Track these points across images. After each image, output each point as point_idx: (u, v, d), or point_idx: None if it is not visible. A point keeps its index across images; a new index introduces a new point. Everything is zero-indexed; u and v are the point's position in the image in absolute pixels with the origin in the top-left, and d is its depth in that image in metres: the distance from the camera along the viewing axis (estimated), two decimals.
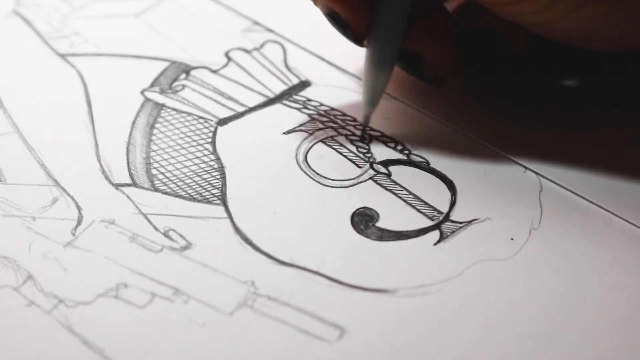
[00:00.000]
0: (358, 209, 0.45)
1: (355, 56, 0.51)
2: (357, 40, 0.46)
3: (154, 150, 0.47)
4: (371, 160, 0.47)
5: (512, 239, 0.44)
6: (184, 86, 0.50)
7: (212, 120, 0.49)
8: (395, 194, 0.46)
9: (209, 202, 0.45)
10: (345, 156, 0.47)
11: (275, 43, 0.52)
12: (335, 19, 0.46)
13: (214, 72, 0.51)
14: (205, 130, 0.48)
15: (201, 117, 0.49)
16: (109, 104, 0.49)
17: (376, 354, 0.41)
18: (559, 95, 0.50)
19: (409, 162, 0.47)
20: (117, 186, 0.46)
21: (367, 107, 0.47)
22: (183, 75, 0.50)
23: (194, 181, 0.46)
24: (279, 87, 0.50)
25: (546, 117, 0.49)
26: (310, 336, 0.41)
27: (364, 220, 0.45)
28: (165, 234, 0.44)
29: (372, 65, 0.46)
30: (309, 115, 0.49)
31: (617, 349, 0.41)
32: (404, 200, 0.45)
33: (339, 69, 0.51)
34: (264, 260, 0.43)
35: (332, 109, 0.49)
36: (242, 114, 0.49)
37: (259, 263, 0.43)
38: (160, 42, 0.52)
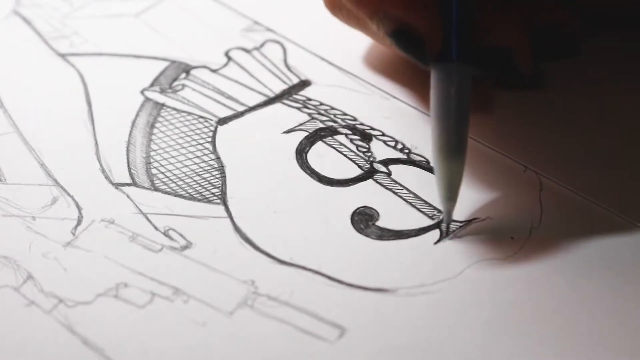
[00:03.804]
0: (358, 208, 0.45)
1: (356, 55, 0.51)
2: (430, 59, 0.41)
3: (154, 150, 0.47)
4: (371, 159, 0.47)
5: (512, 238, 0.44)
6: (184, 86, 0.50)
7: (212, 120, 0.49)
8: (395, 193, 0.46)
9: (209, 201, 0.45)
10: (345, 155, 0.47)
11: (275, 42, 0.52)
12: (406, 36, 0.40)
13: (214, 71, 0.51)
14: (205, 130, 0.48)
15: (201, 117, 0.49)
16: (109, 104, 0.49)
17: (376, 354, 0.40)
18: (559, 94, 0.50)
19: (409, 161, 0.47)
20: (117, 186, 0.46)
21: (447, 204, 0.43)
22: (183, 75, 0.50)
23: (194, 180, 0.46)
24: (279, 87, 0.50)
25: (547, 117, 0.49)
26: (310, 336, 0.41)
27: (364, 220, 0.45)
28: (165, 234, 0.44)
29: (445, 152, 0.41)
30: (309, 114, 0.49)
31: (617, 349, 0.40)
32: (404, 199, 0.45)
33: (339, 68, 0.51)
34: (264, 259, 0.43)
35: (332, 108, 0.49)
36: (242, 114, 0.49)
37: (259, 262, 0.43)
38: (160, 41, 0.52)
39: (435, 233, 0.44)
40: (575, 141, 0.48)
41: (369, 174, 0.46)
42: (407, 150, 0.47)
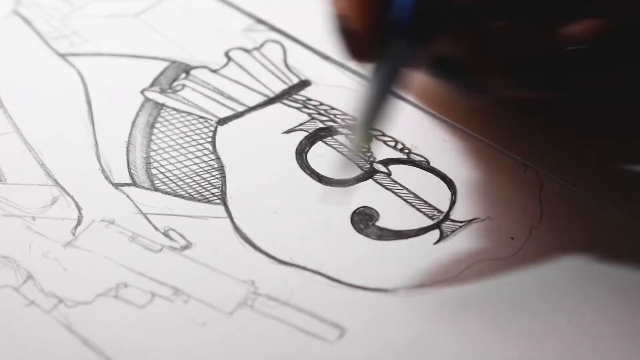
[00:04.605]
0: (358, 209, 0.45)
1: None
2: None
3: (153, 150, 0.47)
4: (371, 159, 0.47)
5: (512, 238, 0.44)
6: (184, 86, 0.50)
7: (212, 120, 0.49)
8: (395, 193, 0.46)
9: (209, 201, 0.45)
10: (345, 155, 0.47)
11: (275, 42, 0.52)
12: (347, 34, 0.39)
13: (214, 71, 0.51)
14: (205, 130, 0.48)
15: (201, 117, 0.49)
16: (109, 104, 0.49)
17: (376, 354, 0.40)
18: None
19: (409, 161, 0.47)
20: (117, 186, 0.46)
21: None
22: (183, 75, 0.50)
23: (194, 181, 0.46)
24: (278, 87, 0.50)
25: (546, 115, 0.49)
26: (310, 336, 0.41)
27: (363, 220, 0.45)
28: (165, 234, 0.44)
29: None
30: (309, 114, 0.49)
31: (617, 349, 0.41)
32: (404, 200, 0.45)
33: (339, 68, 0.51)
34: (264, 259, 0.43)
35: (332, 108, 0.49)
36: (242, 114, 0.49)
37: (258, 262, 0.43)
38: (160, 41, 0.52)
39: (435, 233, 0.44)
40: (575, 141, 0.48)
41: (369, 174, 0.46)
42: (407, 150, 0.47)
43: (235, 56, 0.51)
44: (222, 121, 0.49)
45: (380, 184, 0.46)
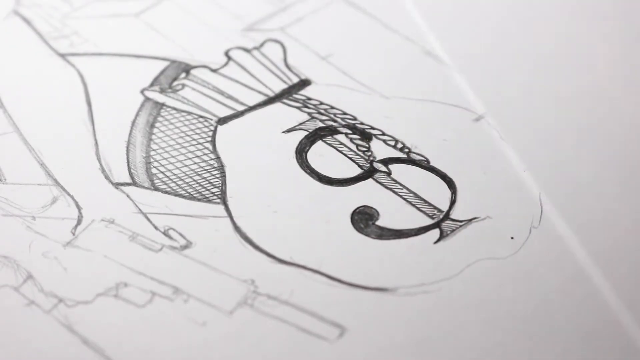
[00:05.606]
0: (358, 208, 0.45)
1: (356, 55, 0.51)
2: None
3: (153, 150, 0.47)
4: (371, 158, 0.47)
5: (512, 237, 0.44)
6: (184, 85, 0.50)
7: (212, 119, 0.49)
8: (395, 193, 0.46)
9: (209, 201, 0.45)
10: (345, 155, 0.47)
11: (275, 42, 0.52)
12: None
13: (214, 71, 0.51)
14: (205, 129, 0.48)
15: (201, 116, 0.49)
16: (109, 104, 0.49)
17: (376, 353, 0.40)
18: (558, 93, 0.50)
19: (409, 161, 0.47)
20: (117, 185, 0.46)
21: None
22: (183, 75, 0.50)
23: (194, 180, 0.46)
24: (278, 86, 0.50)
25: (547, 115, 0.49)
26: (310, 335, 0.41)
27: (364, 219, 0.45)
28: (165, 233, 0.44)
29: None
30: (309, 114, 0.49)
31: (616, 349, 0.40)
32: (404, 199, 0.45)
33: (339, 68, 0.51)
34: (264, 259, 0.43)
35: (332, 107, 0.49)
36: (242, 113, 0.49)
37: (259, 262, 0.43)
38: (160, 41, 0.52)
39: (435, 232, 0.44)
40: (575, 141, 0.48)
41: (369, 173, 0.46)
42: (407, 150, 0.47)
43: (235, 56, 0.51)
44: (222, 121, 0.49)
45: (380, 183, 0.46)
